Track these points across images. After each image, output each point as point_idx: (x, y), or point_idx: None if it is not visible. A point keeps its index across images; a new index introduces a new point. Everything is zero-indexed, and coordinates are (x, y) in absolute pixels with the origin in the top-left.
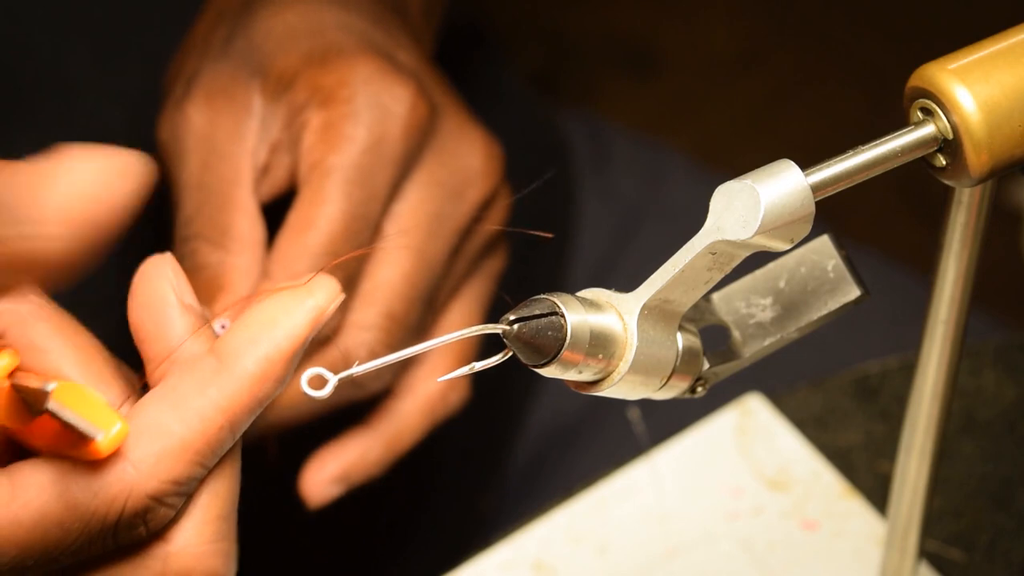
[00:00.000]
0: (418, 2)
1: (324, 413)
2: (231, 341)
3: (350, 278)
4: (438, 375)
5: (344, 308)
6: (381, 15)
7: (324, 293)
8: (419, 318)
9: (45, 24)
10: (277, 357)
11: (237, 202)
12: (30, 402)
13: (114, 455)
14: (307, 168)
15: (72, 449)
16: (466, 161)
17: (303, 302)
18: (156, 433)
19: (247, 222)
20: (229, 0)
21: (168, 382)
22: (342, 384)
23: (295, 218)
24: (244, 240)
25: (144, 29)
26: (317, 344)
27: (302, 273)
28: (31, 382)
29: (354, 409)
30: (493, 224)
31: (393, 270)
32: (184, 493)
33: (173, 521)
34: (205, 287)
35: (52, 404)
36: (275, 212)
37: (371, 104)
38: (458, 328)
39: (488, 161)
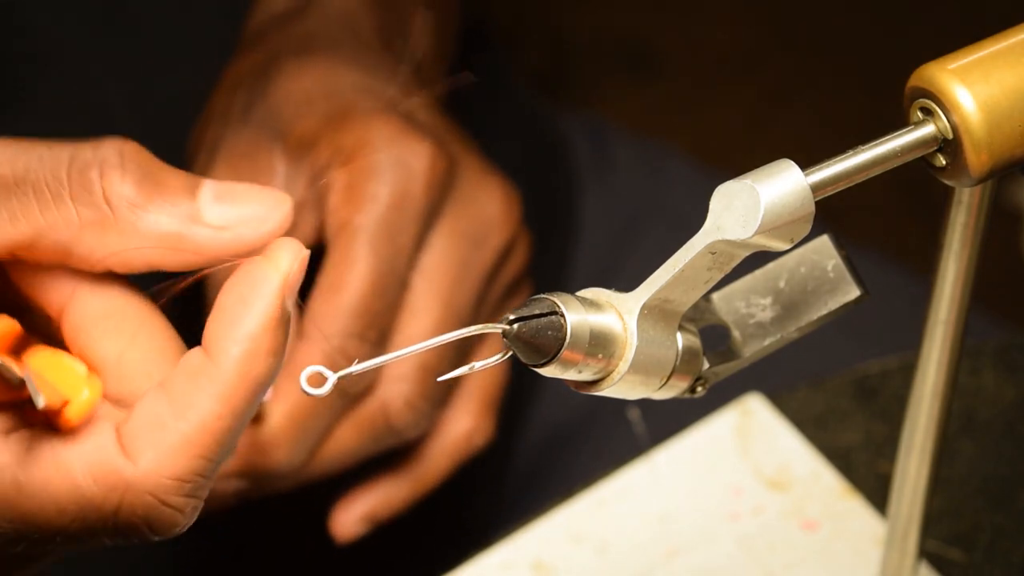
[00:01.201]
0: (428, 53)
1: (365, 460)
2: (210, 330)
3: (383, 332)
4: (467, 418)
5: None
6: (394, 73)
7: (286, 257)
8: (451, 365)
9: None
10: (258, 332)
11: None
12: (5, 375)
13: (115, 448)
14: (334, 229)
15: (47, 418)
16: (486, 209)
17: (267, 273)
18: (153, 429)
19: None
20: (246, 67)
21: (163, 380)
22: (383, 435)
23: (326, 279)
24: None
25: (141, 1)
26: (356, 397)
27: (337, 334)
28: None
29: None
30: (516, 267)
31: (423, 322)
32: (192, 494)
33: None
34: None
35: (16, 370)
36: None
37: (392, 163)
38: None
39: (506, 207)
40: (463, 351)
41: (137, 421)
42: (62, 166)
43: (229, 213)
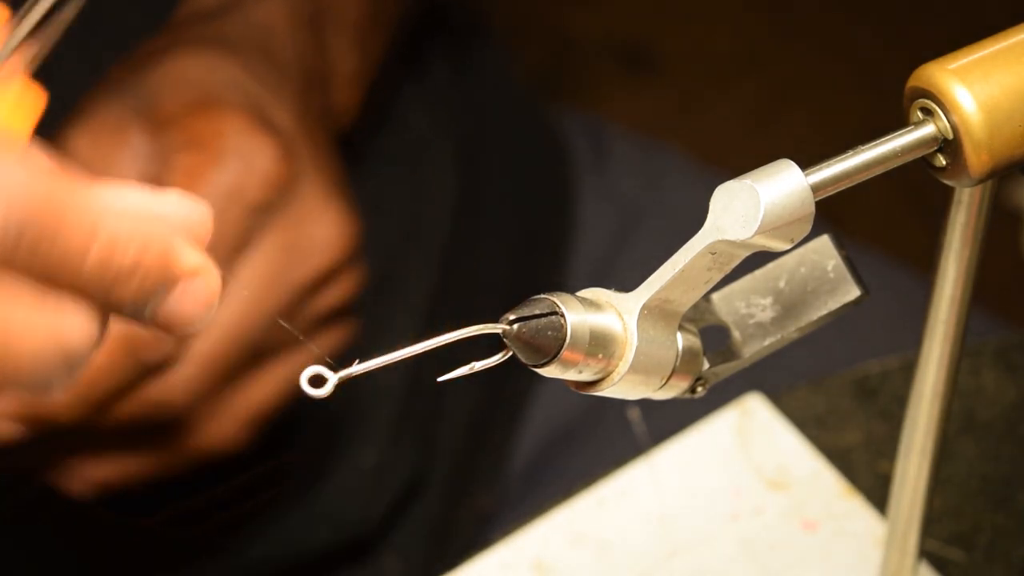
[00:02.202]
0: (348, 74)
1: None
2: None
3: None
4: (221, 424)
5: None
6: (279, 81)
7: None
8: (238, 364)
9: None
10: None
11: None
12: None
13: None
14: None
15: None
16: (316, 230)
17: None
18: None
19: None
20: (146, 48)
21: None
22: (157, 410)
23: None
24: None
25: None
26: (155, 369)
27: None
28: None
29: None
30: (336, 296)
31: (224, 315)
32: None
33: None
34: None
35: None
36: None
37: (236, 155)
38: (276, 384)
39: (338, 235)
40: (258, 352)
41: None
42: None
43: None
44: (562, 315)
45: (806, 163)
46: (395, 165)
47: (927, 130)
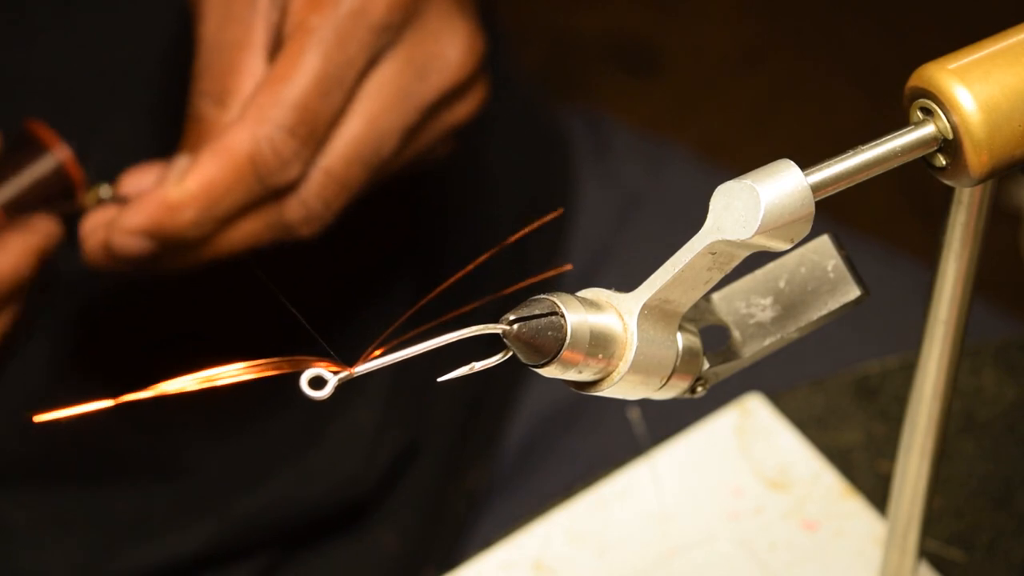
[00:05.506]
0: None
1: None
2: None
3: (314, 133)
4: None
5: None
6: None
7: None
8: (359, 182)
9: None
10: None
11: (244, 65)
12: None
13: None
14: (291, 27)
15: None
16: (444, 47)
17: None
18: None
19: (251, 84)
20: None
21: None
22: (278, 232)
23: (274, 70)
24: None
25: None
26: (274, 193)
27: (270, 121)
28: None
29: None
30: (464, 112)
31: (345, 134)
32: None
33: None
34: (198, 138)
35: None
36: None
37: None
38: None
39: (466, 51)
40: (379, 170)
41: None
42: None
43: None
44: (562, 315)
45: (806, 163)
46: None
47: (927, 130)
